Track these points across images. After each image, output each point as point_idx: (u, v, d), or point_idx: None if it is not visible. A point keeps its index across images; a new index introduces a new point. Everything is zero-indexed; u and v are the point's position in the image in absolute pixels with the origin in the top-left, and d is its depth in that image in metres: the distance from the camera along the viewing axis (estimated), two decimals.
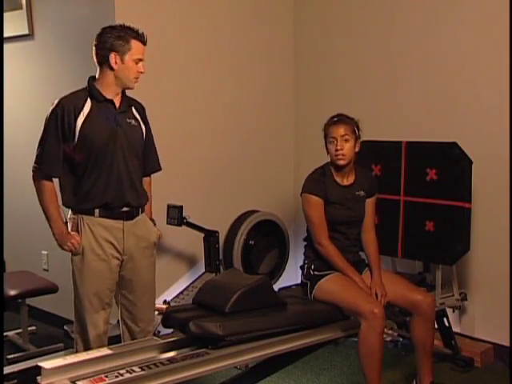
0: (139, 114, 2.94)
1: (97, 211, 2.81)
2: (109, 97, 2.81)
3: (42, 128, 2.81)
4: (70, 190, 2.82)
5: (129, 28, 2.79)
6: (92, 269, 2.81)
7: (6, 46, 3.85)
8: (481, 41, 3.73)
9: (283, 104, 4.66)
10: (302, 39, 4.62)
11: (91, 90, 2.81)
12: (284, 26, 4.61)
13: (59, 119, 2.74)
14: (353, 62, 4.34)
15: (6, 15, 4.05)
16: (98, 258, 2.82)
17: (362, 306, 2.93)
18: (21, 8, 4.26)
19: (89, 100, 2.78)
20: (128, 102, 2.91)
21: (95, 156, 2.77)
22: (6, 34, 3.90)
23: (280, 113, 4.64)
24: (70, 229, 2.83)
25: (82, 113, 2.75)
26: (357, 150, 3.12)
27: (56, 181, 2.84)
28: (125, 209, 2.87)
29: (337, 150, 3.07)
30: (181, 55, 4.06)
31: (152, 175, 3.10)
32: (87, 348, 2.82)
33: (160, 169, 3.09)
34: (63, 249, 2.82)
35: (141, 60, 2.81)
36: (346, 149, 3.07)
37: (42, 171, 2.78)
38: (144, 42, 2.82)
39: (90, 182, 2.79)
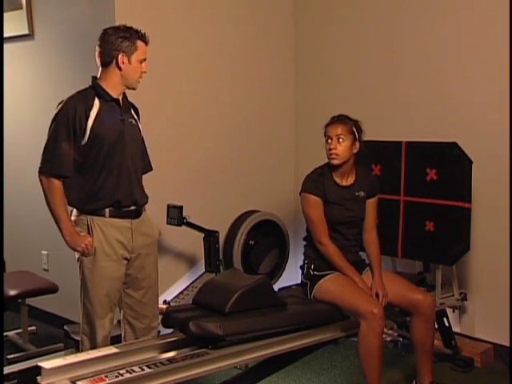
0: (136, 114, 2.97)
1: (107, 211, 2.80)
2: (115, 96, 2.83)
3: (50, 127, 2.77)
4: (77, 189, 2.80)
5: (131, 29, 2.81)
6: (103, 270, 2.81)
7: (6, 46, 3.84)
8: (480, 41, 3.73)
9: (283, 104, 4.65)
10: (302, 39, 4.61)
11: (97, 89, 2.80)
12: (284, 25, 4.61)
13: (71, 118, 2.72)
14: (353, 62, 4.33)
15: (6, 15, 4.05)
16: (109, 259, 2.81)
17: (362, 306, 2.93)
18: (21, 8, 4.26)
19: (97, 99, 2.78)
20: (128, 102, 2.93)
21: (104, 155, 2.77)
22: (6, 34, 3.89)
23: (280, 113, 4.64)
24: (77, 230, 2.80)
25: (92, 112, 2.75)
26: (355, 150, 3.12)
27: None
28: (132, 207, 2.88)
29: (330, 149, 3.08)
30: (181, 55, 4.05)
31: (150, 175, 3.09)
32: (94, 349, 2.79)
33: (151, 169, 3.10)
34: (76, 250, 2.80)
35: (144, 60, 2.84)
36: (340, 149, 3.07)
37: (52, 171, 2.73)
38: (147, 43, 2.84)
39: (100, 181, 2.79)
